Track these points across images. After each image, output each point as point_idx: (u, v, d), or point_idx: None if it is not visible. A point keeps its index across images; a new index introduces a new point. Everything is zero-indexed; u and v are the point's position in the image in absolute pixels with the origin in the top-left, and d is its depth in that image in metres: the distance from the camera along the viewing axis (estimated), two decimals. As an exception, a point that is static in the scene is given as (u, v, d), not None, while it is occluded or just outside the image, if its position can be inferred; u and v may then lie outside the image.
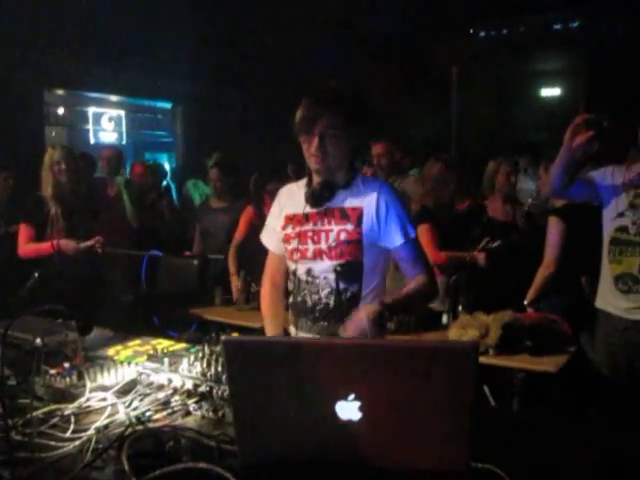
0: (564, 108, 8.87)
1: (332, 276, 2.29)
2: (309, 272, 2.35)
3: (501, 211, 4.67)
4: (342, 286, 2.28)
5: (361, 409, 1.35)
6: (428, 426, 1.33)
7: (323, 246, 2.30)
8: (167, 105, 11.34)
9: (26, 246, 4.10)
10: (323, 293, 2.32)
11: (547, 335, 3.50)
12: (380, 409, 1.35)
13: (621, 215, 3.07)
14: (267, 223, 2.54)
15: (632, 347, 3.08)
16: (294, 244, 2.37)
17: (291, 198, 2.43)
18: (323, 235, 2.30)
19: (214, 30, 8.87)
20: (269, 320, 2.53)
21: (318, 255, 2.31)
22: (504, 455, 1.53)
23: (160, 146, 12.80)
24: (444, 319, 3.79)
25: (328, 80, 2.41)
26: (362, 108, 2.30)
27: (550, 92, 10.19)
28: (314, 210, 2.33)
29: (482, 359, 3.32)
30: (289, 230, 2.39)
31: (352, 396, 1.35)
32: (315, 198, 2.30)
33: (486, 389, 3.53)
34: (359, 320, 1.95)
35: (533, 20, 8.92)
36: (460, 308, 3.83)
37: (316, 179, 2.33)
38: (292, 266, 2.42)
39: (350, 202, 2.30)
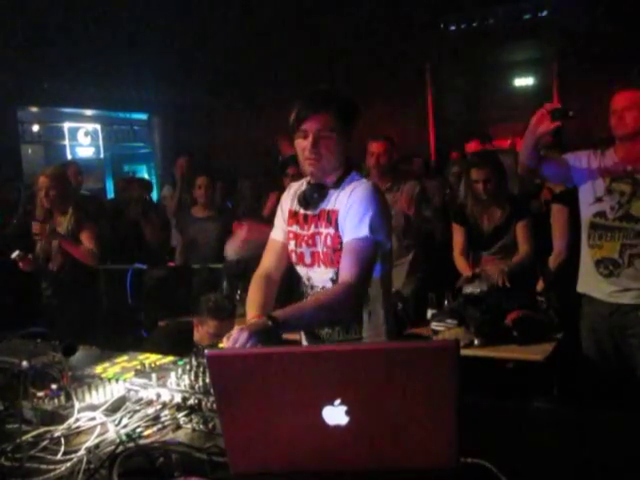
0: (538, 97, 8.91)
1: (329, 285, 2.22)
2: (309, 280, 2.30)
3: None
4: None
5: (348, 413, 1.36)
6: (415, 425, 1.34)
7: (319, 249, 2.24)
8: (143, 116, 11.32)
9: None
10: None
11: (533, 324, 3.54)
12: (366, 412, 1.36)
13: (599, 200, 3.08)
14: (275, 223, 2.44)
15: (617, 331, 3.12)
16: (292, 245, 2.33)
17: (294, 196, 2.35)
18: (317, 238, 2.25)
19: (183, 38, 8.88)
20: (251, 304, 2.25)
21: (315, 261, 2.26)
22: (494, 449, 1.53)
23: (138, 157, 12.75)
24: (429, 314, 3.80)
25: (315, 83, 2.32)
26: (355, 109, 2.21)
27: (524, 82, 10.24)
28: (309, 212, 2.27)
29: (468, 351, 3.35)
30: (292, 228, 2.33)
31: (338, 401, 1.36)
32: (306, 201, 2.26)
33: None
34: (237, 337, 1.79)
35: (502, 11, 8.97)
36: (446, 303, 3.86)
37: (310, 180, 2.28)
38: (297, 270, 2.36)
39: (332, 204, 2.22)
